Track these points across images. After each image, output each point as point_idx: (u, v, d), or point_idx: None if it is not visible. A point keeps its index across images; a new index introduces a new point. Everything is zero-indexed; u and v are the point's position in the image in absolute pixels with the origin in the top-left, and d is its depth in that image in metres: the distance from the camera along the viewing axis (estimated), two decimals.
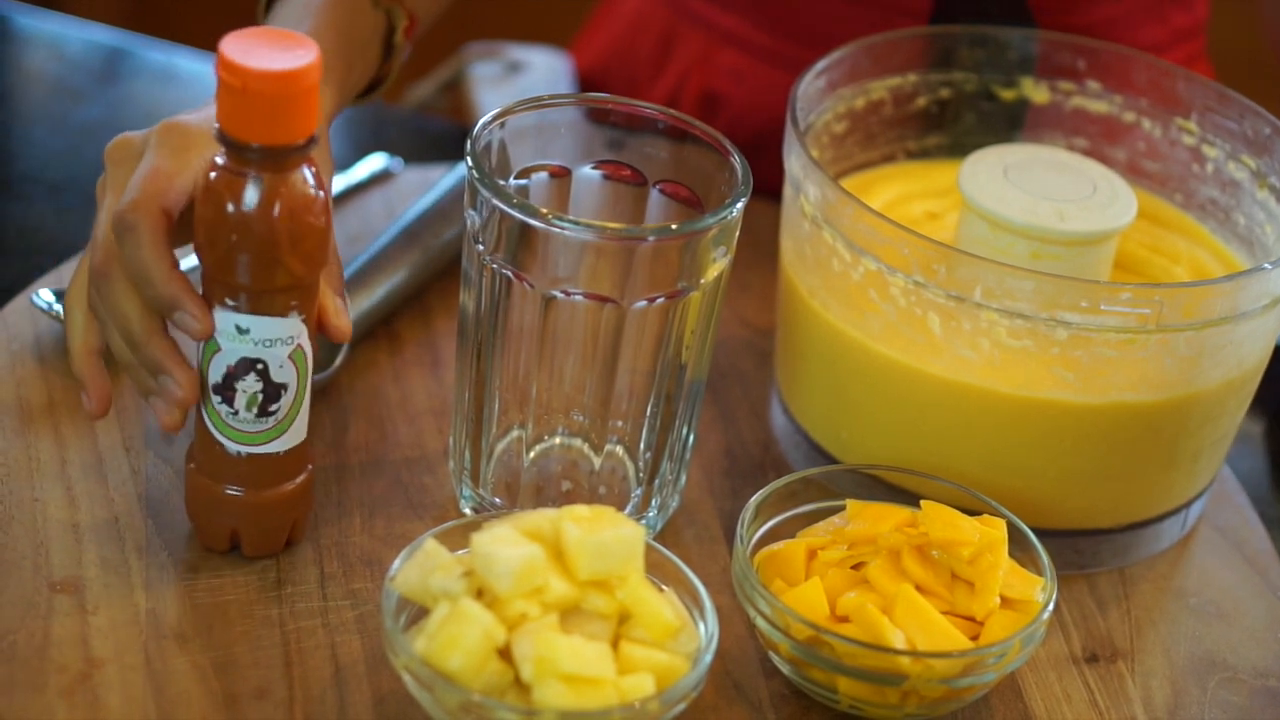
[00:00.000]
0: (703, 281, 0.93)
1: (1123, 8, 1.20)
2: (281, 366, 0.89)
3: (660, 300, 0.92)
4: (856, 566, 0.93)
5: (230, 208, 0.86)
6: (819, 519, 0.95)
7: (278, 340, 0.89)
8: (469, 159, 0.92)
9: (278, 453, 0.92)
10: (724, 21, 1.25)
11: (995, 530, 0.92)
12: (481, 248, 0.92)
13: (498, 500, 0.98)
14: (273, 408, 0.90)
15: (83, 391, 0.93)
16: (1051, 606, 0.91)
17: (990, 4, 1.15)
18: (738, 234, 0.93)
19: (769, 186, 1.09)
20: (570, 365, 0.94)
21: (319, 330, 0.92)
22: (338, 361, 1.04)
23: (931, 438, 0.99)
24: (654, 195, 0.96)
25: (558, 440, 0.97)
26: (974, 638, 0.91)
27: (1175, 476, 1.01)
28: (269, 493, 0.93)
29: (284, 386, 0.90)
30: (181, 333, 0.90)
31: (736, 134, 1.19)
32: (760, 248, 1.14)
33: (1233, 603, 1.01)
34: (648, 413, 0.96)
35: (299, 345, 0.89)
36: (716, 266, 0.93)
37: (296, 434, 0.92)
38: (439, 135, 1.31)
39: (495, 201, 0.90)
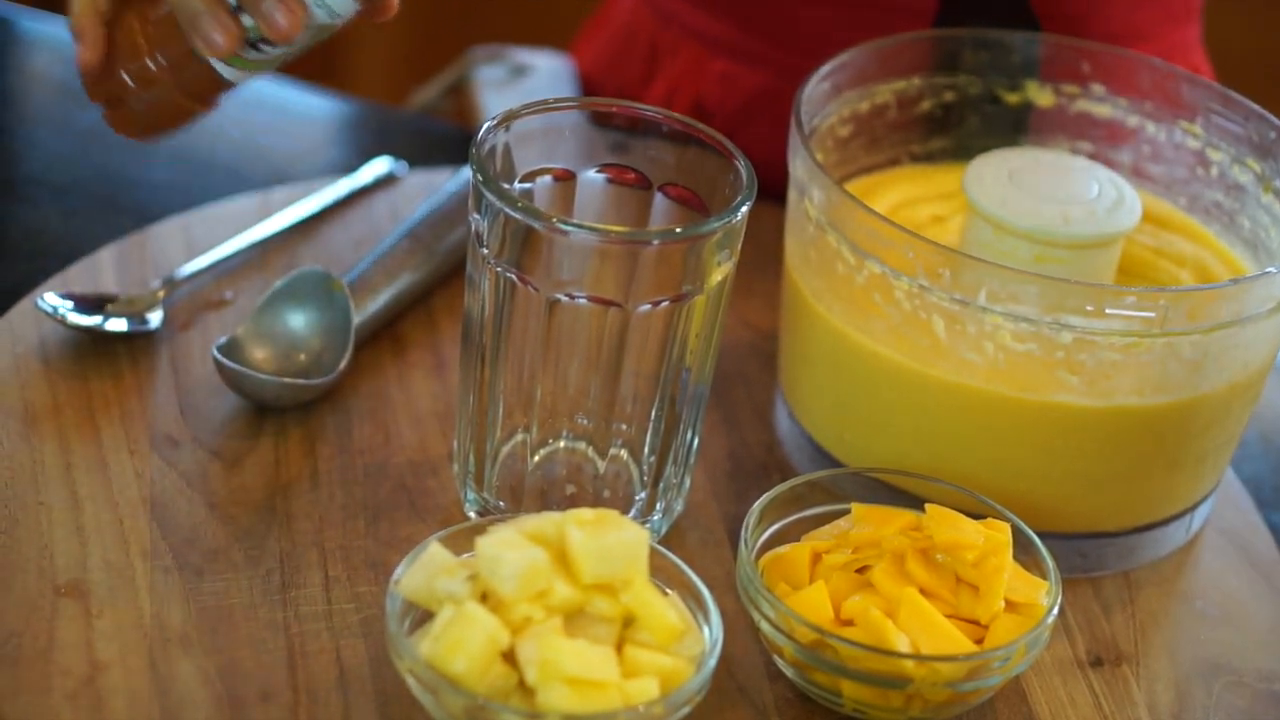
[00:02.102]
0: (707, 285, 0.93)
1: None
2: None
3: (664, 304, 0.92)
4: (861, 570, 0.93)
5: None
6: (823, 522, 0.95)
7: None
8: (473, 162, 0.92)
9: (231, 82, 0.93)
10: (713, 30, 1.25)
11: (1000, 534, 0.92)
12: (486, 251, 0.92)
13: (502, 504, 0.98)
14: (268, 49, 0.91)
15: (77, 44, 0.95)
16: (1056, 610, 0.91)
17: (992, 6, 1.15)
18: (742, 237, 0.93)
19: (764, 191, 1.09)
20: (574, 369, 0.94)
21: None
22: (342, 364, 1.04)
23: (936, 441, 0.99)
24: (658, 199, 0.96)
25: (562, 444, 0.97)
26: (978, 641, 0.91)
27: (1180, 480, 1.01)
28: (187, 100, 0.94)
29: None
30: None
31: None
32: (764, 251, 1.14)
33: (1238, 606, 1.01)
34: (652, 416, 0.96)
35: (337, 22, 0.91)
36: (721, 270, 0.93)
37: (257, 74, 0.93)
38: (443, 139, 1.31)
39: (499, 205, 0.90)
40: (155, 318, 1.07)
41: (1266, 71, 2.01)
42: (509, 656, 0.85)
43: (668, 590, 0.90)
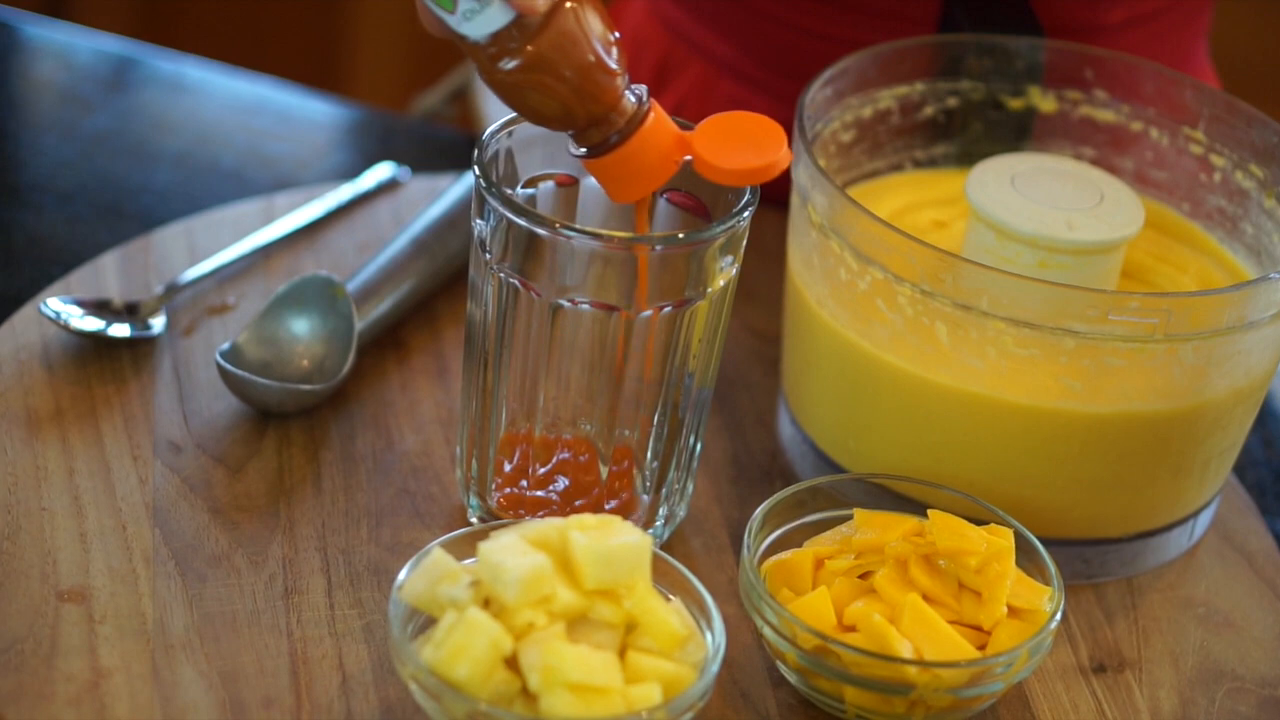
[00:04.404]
0: (710, 291, 0.93)
1: (1131, 38, 1.20)
2: None
3: (667, 309, 0.92)
4: (864, 576, 0.93)
5: None
6: (826, 528, 0.95)
7: None
8: (476, 168, 0.92)
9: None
10: (722, 52, 1.24)
11: (1002, 539, 0.92)
12: (489, 257, 0.92)
13: None
14: None
15: None
16: (1059, 616, 0.91)
17: (997, 14, 1.15)
18: (745, 243, 0.93)
19: (767, 199, 1.09)
20: (577, 374, 0.94)
21: None
22: (345, 369, 1.04)
23: (939, 447, 0.99)
24: (661, 205, 0.96)
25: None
26: (981, 647, 0.91)
27: (1183, 486, 1.01)
28: None
29: None
30: None
31: None
32: (767, 256, 1.14)
33: (1241, 613, 1.01)
34: (655, 422, 0.96)
35: None
36: (724, 275, 0.93)
37: None
38: (447, 144, 1.31)
39: (502, 210, 0.91)
40: (158, 323, 1.07)
41: (1268, 77, 2.01)
42: (512, 662, 0.85)
43: (670, 596, 0.90)
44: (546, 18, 0.87)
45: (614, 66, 0.89)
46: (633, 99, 0.90)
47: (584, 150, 0.90)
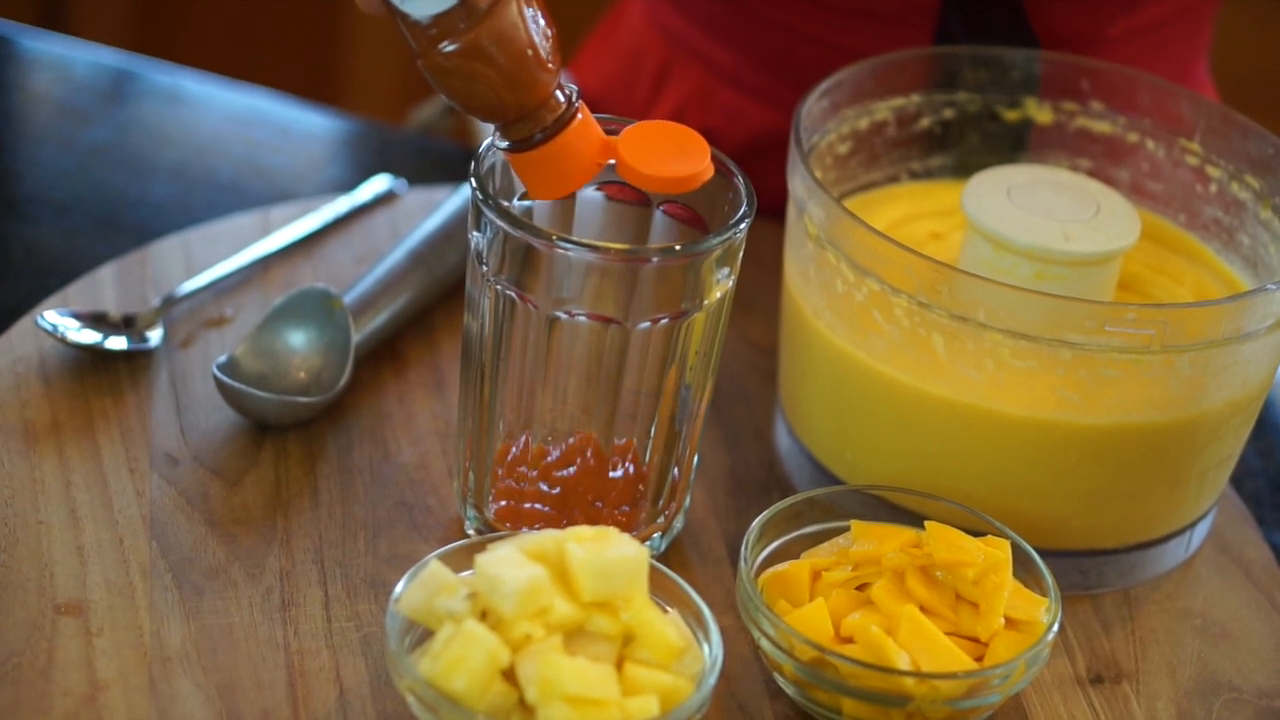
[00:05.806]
0: (706, 302, 0.93)
1: (1130, 50, 1.20)
2: None
3: (664, 321, 0.92)
4: (861, 587, 0.93)
5: None
6: (823, 540, 0.96)
7: None
8: (473, 180, 0.92)
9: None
10: (721, 59, 1.24)
11: (999, 551, 0.92)
12: (485, 269, 0.92)
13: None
14: None
15: None
16: (1056, 627, 0.91)
17: (993, 27, 1.15)
18: (742, 255, 0.94)
19: (765, 212, 1.09)
20: (574, 386, 0.94)
21: None
22: (342, 382, 1.04)
23: (936, 458, 0.99)
24: (658, 216, 0.96)
25: None
26: (978, 659, 0.91)
27: (1180, 497, 1.01)
28: None
29: None
30: None
31: None
32: (764, 268, 1.14)
33: (1238, 624, 1.01)
34: (652, 433, 0.96)
35: None
36: (720, 287, 0.93)
37: None
38: (443, 156, 1.32)
39: (499, 223, 0.91)
40: (155, 336, 1.07)
41: (1265, 88, 2.01)
42: (509, 675, 0.85)
43: (668, 608, 0.90)
44: (492, 5, 0.87)
45: (549, 62, 0.89)
46: (562, 98, 0.90)
47: (508, 144, 0.90)
